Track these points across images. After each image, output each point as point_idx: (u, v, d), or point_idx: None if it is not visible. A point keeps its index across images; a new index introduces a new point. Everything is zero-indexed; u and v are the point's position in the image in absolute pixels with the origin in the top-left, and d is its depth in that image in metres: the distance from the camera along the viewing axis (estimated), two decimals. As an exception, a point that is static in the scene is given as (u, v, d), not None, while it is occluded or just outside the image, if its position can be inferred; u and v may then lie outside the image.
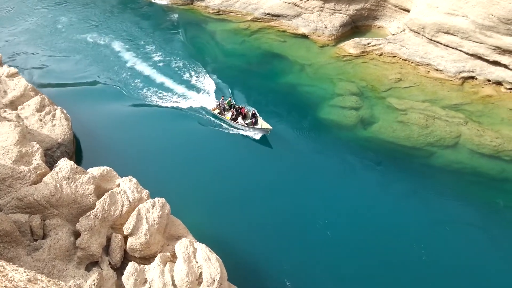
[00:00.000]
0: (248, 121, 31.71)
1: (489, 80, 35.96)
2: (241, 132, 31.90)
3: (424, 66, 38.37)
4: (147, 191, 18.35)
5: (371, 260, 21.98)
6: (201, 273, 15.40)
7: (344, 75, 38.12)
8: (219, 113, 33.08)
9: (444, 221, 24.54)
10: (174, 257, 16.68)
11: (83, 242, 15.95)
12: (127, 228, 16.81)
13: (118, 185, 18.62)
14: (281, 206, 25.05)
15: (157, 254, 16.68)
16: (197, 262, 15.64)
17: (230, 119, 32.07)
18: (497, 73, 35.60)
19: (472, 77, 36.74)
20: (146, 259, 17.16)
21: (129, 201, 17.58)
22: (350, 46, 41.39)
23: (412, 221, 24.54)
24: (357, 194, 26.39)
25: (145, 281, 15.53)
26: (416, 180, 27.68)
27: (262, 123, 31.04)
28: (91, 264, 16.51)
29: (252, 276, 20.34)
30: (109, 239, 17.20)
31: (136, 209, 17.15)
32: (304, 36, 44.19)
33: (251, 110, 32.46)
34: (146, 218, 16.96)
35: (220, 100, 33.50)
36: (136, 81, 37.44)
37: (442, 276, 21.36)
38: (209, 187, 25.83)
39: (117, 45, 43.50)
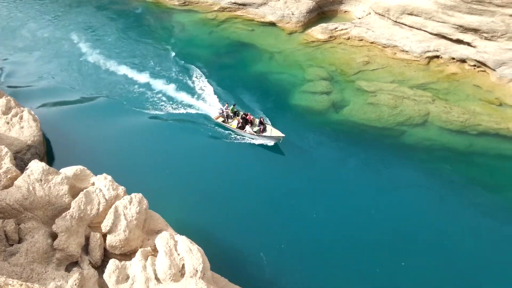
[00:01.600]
0: (256, 128, 29.79)
1: (453, 58, 36.96)
2: (250, 140, 30.03)
3: (390, 48, 39.08)
4: (123, 187, 18.17)
5: (349, 239, 22.45)
6: (183, 264, 15.44)
7: (313, 61, 38.46)
8: (223, 121, 31.11)
9: (414, 194, 25.31)
10: (155, 251, 16.65)
11: (61, 243, 15.73)
12: (105, 226, 16.65)
13: (93, 184, 18.37)
14: (256, 194, 25.23)
15: (137, 250, 16.60)
16: (178, 254, 15.66)
17: (237, 127, 30.24)
18: (461, 51, 36.62)
19: (437, 56, 37.69)
20: (127, 255, 17.07)
21: (105, 199, 17.39)
22: (318, 32, 41.71)
23: (384, 197, 25.18)
24: (331, 176, 26.86)
25: (127, 277, 15.47)
26: (388, 159, 28.35)
27: (272, 130, 29.41)
28: (71, 264, 16.31)
29: (234, 264, 20.52)
30: (87, 238, 17.00)
31: (113, 206, 16.98)
32: (272, 24, 44.27)
33: (258, 116, 30.89)
34: (124, 214, 16.83)
35: (224, 107, 31.47)
36: (97, 74, 36.73)
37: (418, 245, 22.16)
38: (185, 181, 25.79)
39: (75, 37, 42.71)
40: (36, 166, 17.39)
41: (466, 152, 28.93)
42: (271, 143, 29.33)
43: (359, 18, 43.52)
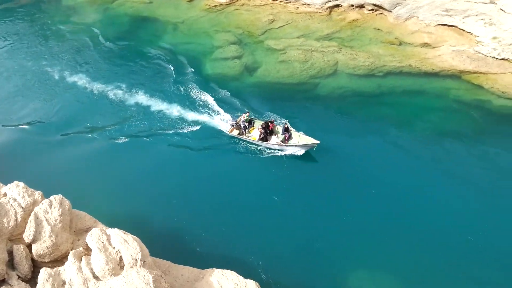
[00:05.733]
0: (281, 137, 25.98)
1: (352, 5, 38.17)
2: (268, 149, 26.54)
3: (292, 3, 39.43)
4: (39, 192, 16.95)
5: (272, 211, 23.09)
6: (120, 257, 14.94)
7: (219, 26, 37.84)
8: (239, 133, 26.98)
9: (334, 139, 26.43)
10: (88, 250, 15.91)
11: (-20, 264, 14.46)
12: (27, 235, 15.53)
13: (5, 194, 16.93)
14: (180, 174, 24.82)
15: (69, 252, 15.77)
16: (113, 248, 15.10)
17: (259, 139, 26.25)
18: (358, -3, 37.84)
19: (337, 5, 38.72)
20: (59, 261, 16.17)
21: (22, 207, 16.13)
22: (219, -5, 40.89)
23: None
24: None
25: (64, 283, 14.70)
26: (306, 112, 29.20)
27: (300, 137, 25.88)
28: (-2, 283, 15.15)
29: (174, 245, 20.32)
30: (11, 253, 15.80)
31: (32, 213, 15.81)
32: (169, -6, 42.59)
33: (282, 122, 27.50)
34: (46, 219, 15.77)
35: (239, 118, 27.37)
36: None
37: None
38: (104, 173, 24.64)
39: None
40: None
41: (375, 94, 30.54)
42: (301, 152, 25.90)
43: (257, -23, 43.17)
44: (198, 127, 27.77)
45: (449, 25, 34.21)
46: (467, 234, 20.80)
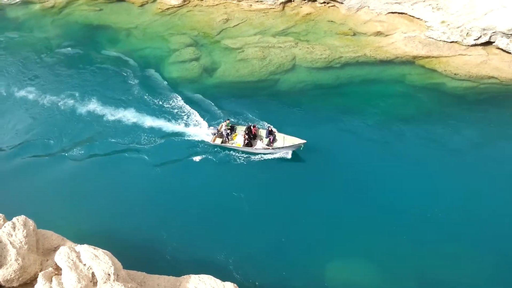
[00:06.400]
0: (266, 141, 25.75)
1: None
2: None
3: (245, 1, 39.43)
4: (0, 214, 16.21)
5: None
6: (93, 273, 14.52)
7: (173, 29, 37.36)
8: (222, 142, 26.31)
9: (298, 133, 26.38)
10: (58, 270, 15.36)
11: None
12: (-9, 262, 14.81)
13: (-38, 221, 16.07)
14: (149, 185, 24.39)
15: (38, 274, 15.16)
16: (84, 265, 14.64)
17: (244, 145, 25.83)
18: (309, -9, 38.30)
19: (290, 1, 39.03)
20: (28, 284, 15.51)
21: (-17, 232, 15.36)
22: (170, -2, 40.35)
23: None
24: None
25: (35, 307, 14.15)
26: (269, 108, 29.34)
27: (285, 138, 25.63)
28: (-36, 315, 14.38)
29: (147, 256, 19.98)
30: (-25, 282, 15.04)
31: (-5, 238, 15.10)
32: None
33: (266, 126, 27.14)
34: (10, 243, 15.08)
35: (220, 126, 26.81)
36: None
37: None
38: (67, 190, 23.87)
39: None
40: None
41: (335, 85, 31.03)
42: (288, 154, 25.81)
43: (208, -23, 42.89)
44: (158, 138, 27.28)
45: (399, 13, 35.20)
46: (425, 211, 21.90)
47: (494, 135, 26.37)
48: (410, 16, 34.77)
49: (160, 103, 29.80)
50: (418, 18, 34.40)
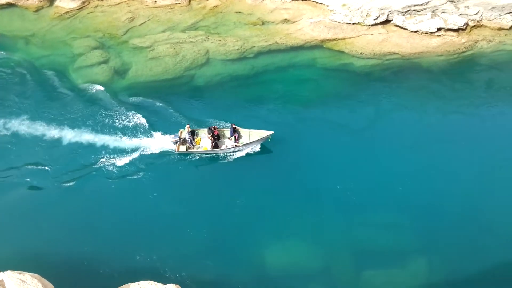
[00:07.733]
0: (232, 139, 25.30)
1: (209, -7, 38.30)
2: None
3: (149, -3, 38.24)
4: None
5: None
6: (21, 301, 13.32)
7: (76, 33, 35.13)
8: (188, 148, 25.24)
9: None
10: (-22, 305, 13.88)
11: None
12: None
13: None
14: (73, 201, 23.18)
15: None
16: (10, 294, 13.37)
17: (212, 148, 25.07)
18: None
19: (195, -6, 38.51)
20: None
21: None
22: (67, 1, 37.74)
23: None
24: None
25: None
26: (188, 104, 29.13)
27: (250, 133, 25.39)
28: None
29: (81, 272, 18.84)
30: None
31: None
32: (10, 5, 38.06)
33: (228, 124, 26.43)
34: None
35: (180, 132, 25.73)
36: None
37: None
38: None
39: None
40: None
41: (251, 75, 31.37)
42: (257, 147, 25.62)
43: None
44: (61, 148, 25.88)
45: (302, -1, 36.44)
46: (344, 185, 23.35)
47: (394, 107, 28.76)
48: (313, 1, 36.10)
49: (67, 113, 27.96)
50: (321, 3, 35.85)
